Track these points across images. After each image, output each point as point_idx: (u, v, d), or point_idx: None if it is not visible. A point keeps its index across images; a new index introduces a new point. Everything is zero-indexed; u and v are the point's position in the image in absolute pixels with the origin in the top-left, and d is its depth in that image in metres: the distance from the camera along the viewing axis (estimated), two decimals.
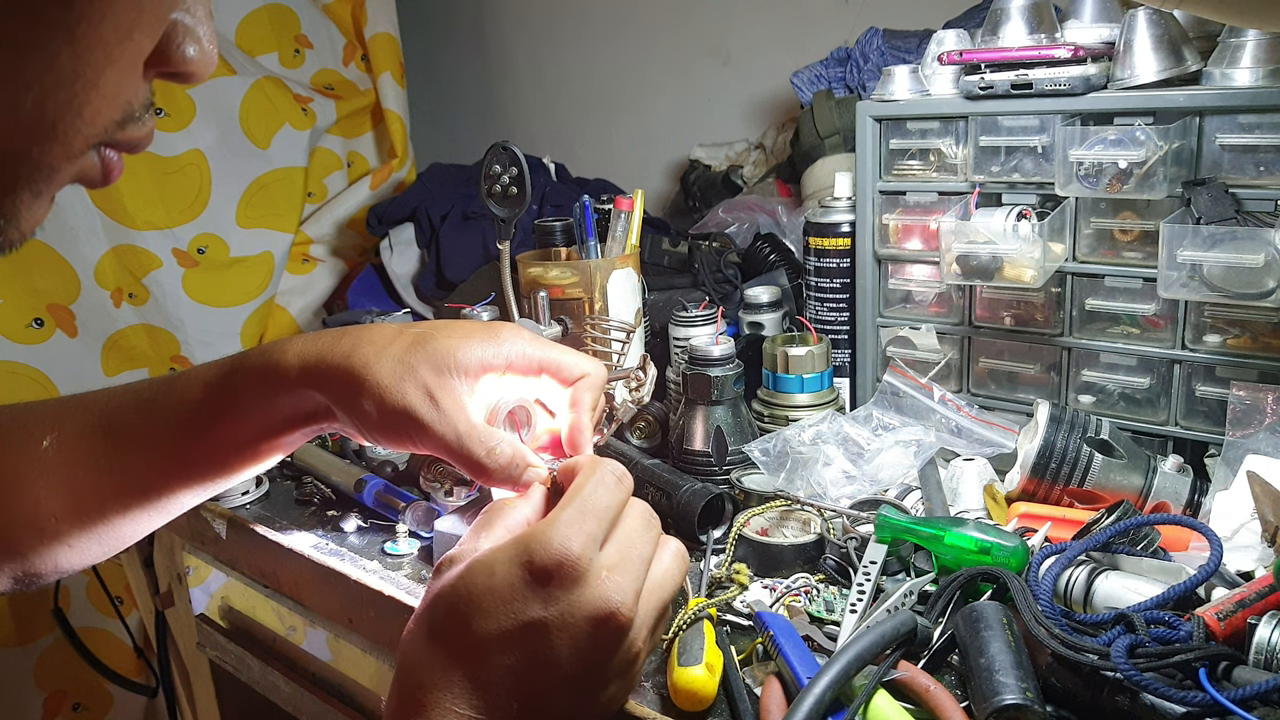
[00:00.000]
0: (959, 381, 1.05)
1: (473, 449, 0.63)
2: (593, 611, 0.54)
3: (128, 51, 0.39)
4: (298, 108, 1.74)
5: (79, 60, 0.37)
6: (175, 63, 0.42)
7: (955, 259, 0.93)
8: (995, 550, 0.72)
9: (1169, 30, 0.86)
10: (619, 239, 1.16)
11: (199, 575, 1.21)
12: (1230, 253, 0.80)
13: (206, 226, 1.65)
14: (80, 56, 0.37)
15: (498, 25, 2.34)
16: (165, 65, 0.42)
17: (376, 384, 0.63)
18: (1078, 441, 0.84)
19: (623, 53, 2.11)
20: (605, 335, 1.08)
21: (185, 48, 0.42)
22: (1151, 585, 0.66)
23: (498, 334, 0.67)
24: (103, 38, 0.38)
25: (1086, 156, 0.86)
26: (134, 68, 0.40)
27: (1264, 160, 0.83)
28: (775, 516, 0.87)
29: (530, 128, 2.32)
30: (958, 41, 0.97)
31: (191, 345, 1.63)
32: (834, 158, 1.42)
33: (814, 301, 1.12)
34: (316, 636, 1.04)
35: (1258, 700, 0.55)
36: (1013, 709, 0.58)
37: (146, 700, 1.63)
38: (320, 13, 1.88)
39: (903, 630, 0.65)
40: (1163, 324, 0.91)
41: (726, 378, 0.95)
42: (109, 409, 0.70)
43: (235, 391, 0.68)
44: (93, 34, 0.37)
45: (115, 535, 0.71)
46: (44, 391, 1.51)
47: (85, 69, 0.38)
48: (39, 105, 0.37)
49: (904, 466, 0.88)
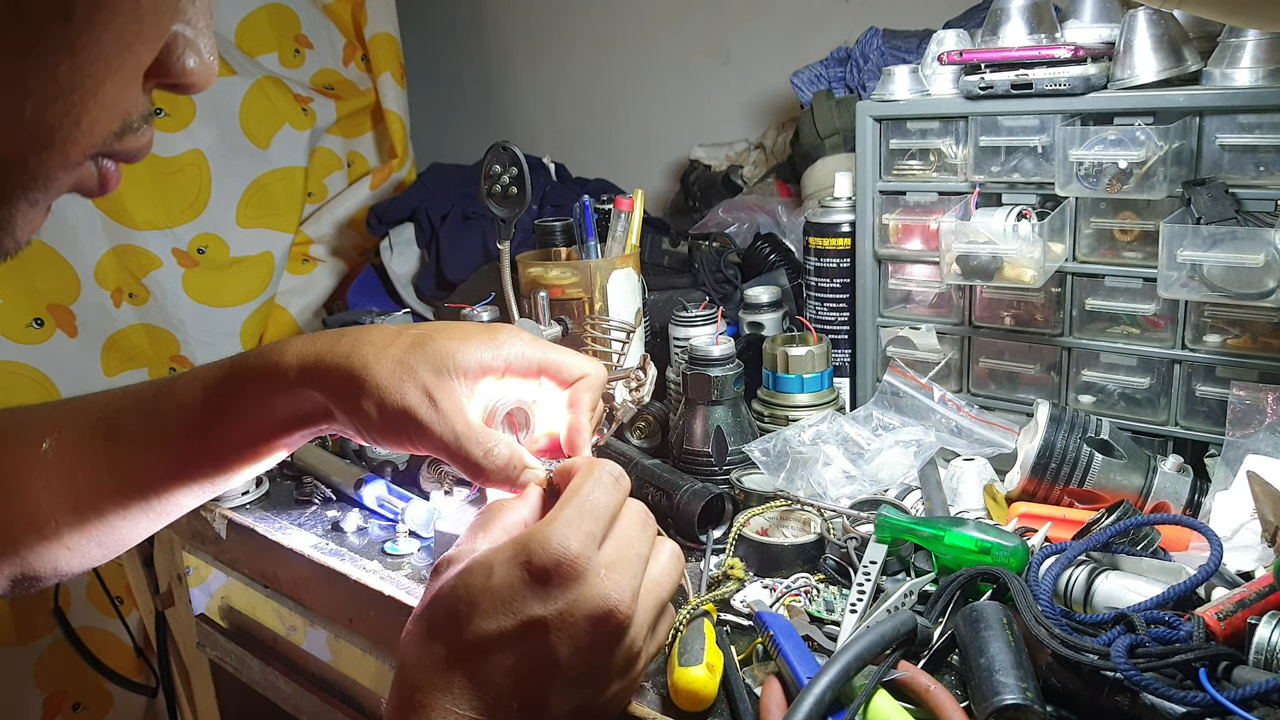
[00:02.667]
0: (959, 381, 1.05)
1: (470, 450, 0.63)
2: (592, 610, 0.54)
3: (127, 63, 0.39)
4: (298, 108, 1.74)
5: (78, 71, 0.37)
6: (175, 74, 0.42)
7: (955, 259, 0.93)
8: (995, 550, 0.72)
9: (1169, 30, 0.86)
10: (619, 239, 1.16)
11: (199, 575, 1.21)
12: (1230, 253, 0.80)
13: (206, 226, 1.65)
14: (80, 68, 0.37)
15: (498, 25, 2.34)
16: (165, 76, 0.42)
17: (376, 385, 0.63)
18: (1078, 441, 0.84)
19: (623, 53, 2.11)
20: (605, 335, 1.08)
21: (185, 59, 0.42)
22: (1151, 585, 0.66)
23: (496, 335, 0.67)
24: (103, 50, 0.38)
25: (1086, 156, 0.86)
26: (133, 79, 0.40)
27: (1264, 160, 0.83)
28: (775, 516, 0.87)
29: (530, 128, 2.32)
30: (958, 41, 0.97)
31: (191, 345, 1.63)
32: (834, 158, 1.42)
33: (814, 301, 1.12)
34: (316, 636, 1.04)
35: (1258, 700, 0.55)
36: (1013, 709, 0.58)
37: (146, 700, 1.63)
38: (320, 13, 1.88)
39: (903, 630, 0.65)
40: (1163, 324, 0.91)
41: (726, 378, 0.95)
42: (108, 411, 0.70)
43: (235, 392, 0.68)
44: (93, 46, 0.37)
45: (115, 537, 0.71)
46: (44, 391, 1.51)
47: (84, 80, 0.38)
48: (38, 115, 0.38)
49: (904, 466, 0.88)
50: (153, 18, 0.39)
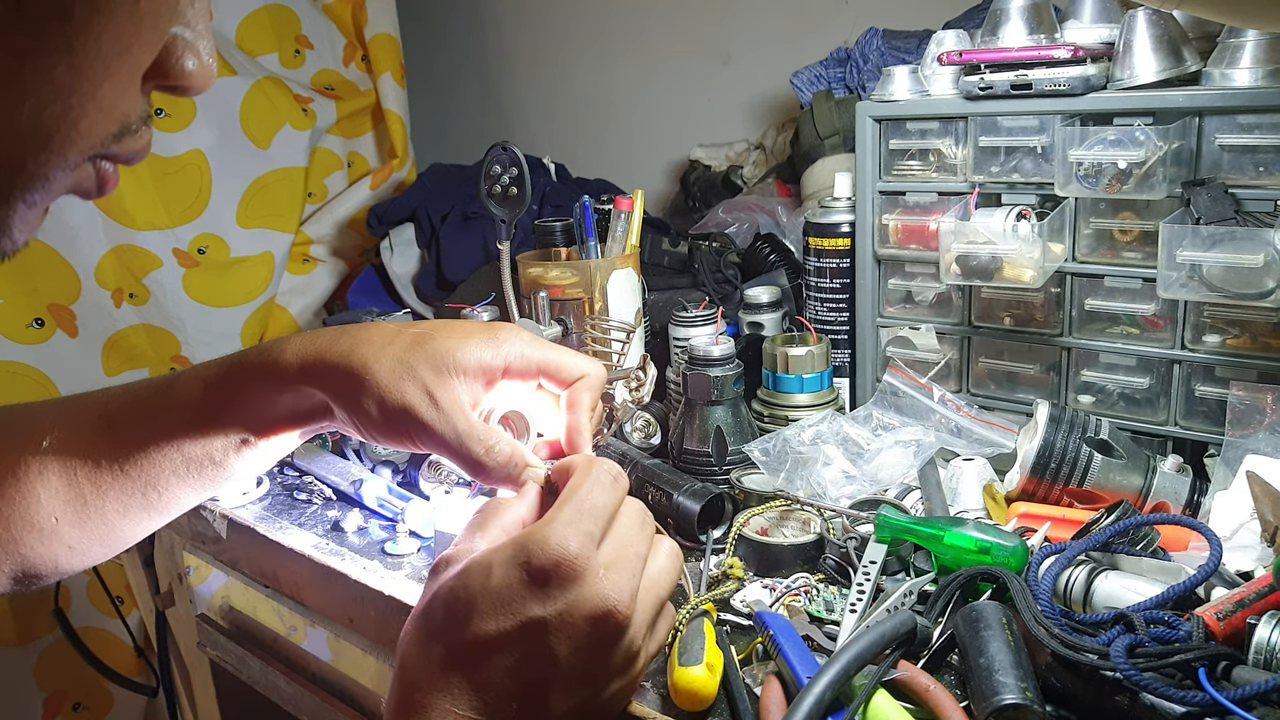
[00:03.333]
0: (959, 381, 1.05)
1: (471, 447, 0.63)
2: (591, 610, 0.54)
3: (126, 65, 0.39)
4: (298, 108, 1.74)
5: (76, 73, 0.38)
6: (174, 76, 0.42)
7: (955, 259, 0.93)
8: (995, 550, 0.72)
9: (1169, 30, 0.86)
10: (619, 239, 1.16)
11: (199, 575, 1.21)
12: (1230, 253, 0.80)
13: (207, 227, 1.65)
14: (78, 69, 0.37)
15: (497, 25, 2.34)
16: (164, 78, 0.42)
17: (376, 383, 0.63)
18: (1077, 441, 0.84)
19: (623, 53, 2.12)
20: (605, 335, 1.08)
21: (184, 61, 0.42)
22: (1151, 585, 0.66)
23: (496, 334, 0.67)
24: (101, 51, 0.38)
25: (1086, 157, 0.86)
26: (131, 81, 0.40)
27: (1263, 160, 0.83)
28: (775, 516, 0.87)
29: (530, 128, 2.32)
30: (957, 42, 0.97)
31: (192, 345, 1.63)
32: (834, 158, 1.42)
33: (814, 301, 1.12)
34: (316, 636, 1.04)
35: (1257, 700, 0.55)
36: (1012, 709, 0.58)
37: (147, 700, 1.63)
38: (320, 13, 1.88)
39: (902, 630, 0.65)
40: (1162, 324, 0.91)
41: (726, 378, 0.95)
42: (109, 409, 0.70)
43: (234, 390, 0.68)
44: (91, 47, 0.37)
45: (115, 535, 0.71)
46: (44, 391, 1.51)
47: (82, 82, 0.38)
48: (35, 116, 0.38)
49: (904, 466, 0.88)
50: (151, 20, 0.39)
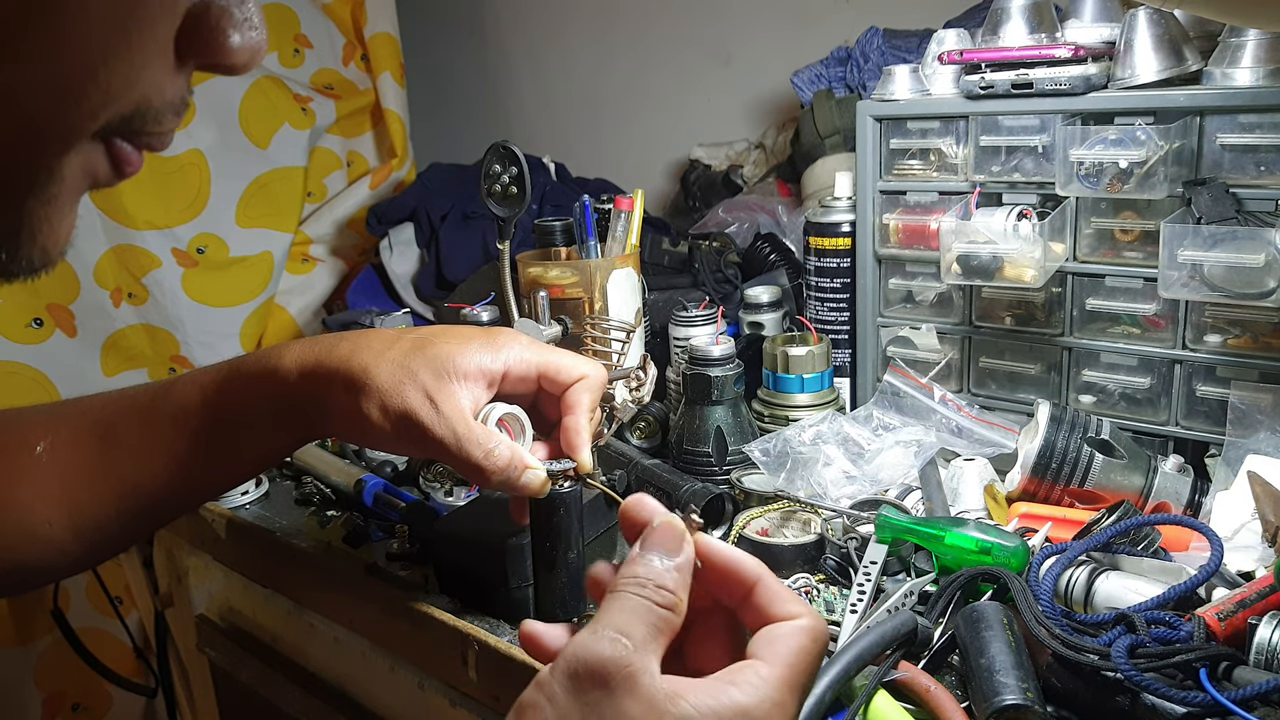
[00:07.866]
0: (959, 381, 1.05)
1: (471, 451, 0.63)
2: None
3: (135, 39, 0.35)
4: (297, 107, 1.74)
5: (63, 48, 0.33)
6: (211, 51, 0.37)
7: (955, 259, 0.93)
8: (996, 550, 0.72)
9: (1169, 30, 0.86)
10: (619, 239, 1.16)
11: (199, 575, 1.21)
12: (1231, 253, 0.80)
13: (206, 226, 1.65)
14: (63, 44, 0.33)
15: (498, 25, 2.34)
16: (201, 55, 0.37)
17: (377, 388, 0.63)
18: (1078, 441, 0.84)
19: (623, 52, 2.11)
20: (605, 335, 1.08)
21: (222, 33, 0.37)
22: (1152, 585, 0.66)
23: (495, 339, 0.67)
24: (92, 22, 0.34)
25: (1087, 156, 0.86)
26: (149, 59, 0.36)
27: (1264, 160, 0.83)
28: (775, 517, 0.87)
29: (530, 128, 2.32)
30: (958, 41, 0.97)
31: (191, 345, 1.63)
32: (834, 157, 1.42)
33: (814, 301, 1.12)
34: (317, 636, 1.04)
35: (1258, 700, 0.55)
36: (1013, 709, 0.58)
37: (146, 701, 1.63)
38: (320, 12, 1.88)
39: (903, 630, 0.65)
40: (1163, 324, 0.91)
41: (726, 378, 0.95)
42: (104, 414, 0.70)
43: (233, 396, 0.68)
44: (79, 19, 0.33)
45: (109, 541, 0.71)
46: (43, 391, 1.50)
47: (71, 56, 0.34)
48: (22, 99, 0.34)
49: (904, 466, 0.88)
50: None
